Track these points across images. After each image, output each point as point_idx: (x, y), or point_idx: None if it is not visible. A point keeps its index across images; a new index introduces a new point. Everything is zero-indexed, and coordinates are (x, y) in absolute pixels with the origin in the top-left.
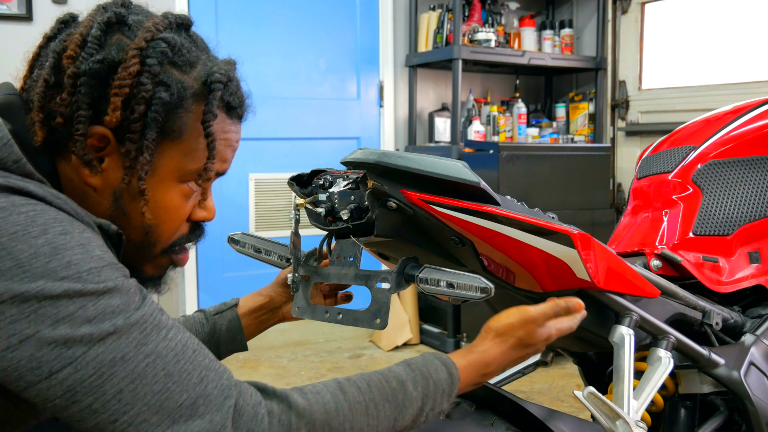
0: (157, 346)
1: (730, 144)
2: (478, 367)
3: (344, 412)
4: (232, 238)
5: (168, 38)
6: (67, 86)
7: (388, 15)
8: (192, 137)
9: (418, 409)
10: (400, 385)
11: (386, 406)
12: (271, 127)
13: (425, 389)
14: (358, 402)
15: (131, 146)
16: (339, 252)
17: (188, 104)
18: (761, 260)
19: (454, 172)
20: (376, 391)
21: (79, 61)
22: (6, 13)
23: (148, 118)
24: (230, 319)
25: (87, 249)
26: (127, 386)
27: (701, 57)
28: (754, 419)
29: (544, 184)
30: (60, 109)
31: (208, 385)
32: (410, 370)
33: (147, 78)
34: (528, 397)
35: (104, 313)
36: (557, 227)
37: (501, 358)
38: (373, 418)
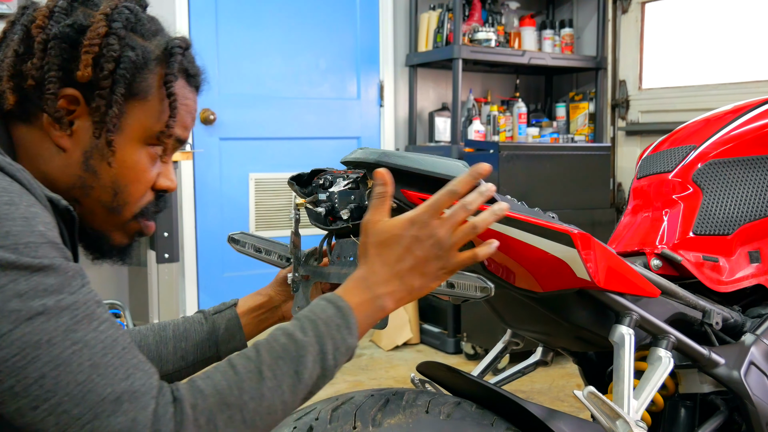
0: (86, 335)
1: (730, 144)
2: (359, 286)
3: (238, 385)
4: (232, 238)
5: (131, 7)
6: (38, 51)
7: (388, 15)
8: (155, 99)
9: (318, 352)
10: (288, 338)
11: (280, 363)
12: (271, 127)
13: (316, 331)
14: (249, 370)
15: (101, 102)
16: (339, 252)
17: (152, 66)
18: (761, 260)
19: (455, 172)
20: (265, 353)
21: (48, 28)
22: (6, 13)
23: (117, 75)
24: (229, 317)
25: (30, 223)
26: (50, 372)
27: (701, 57)
28: (754, 419)
29: (544, 184)
30: (31, 72)
31: (134, 383)
32: (296, 321)
33: (114, 39)
34: (528, 397)
35: (36, 290)
36: (557, 227)
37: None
38: (269, 380)
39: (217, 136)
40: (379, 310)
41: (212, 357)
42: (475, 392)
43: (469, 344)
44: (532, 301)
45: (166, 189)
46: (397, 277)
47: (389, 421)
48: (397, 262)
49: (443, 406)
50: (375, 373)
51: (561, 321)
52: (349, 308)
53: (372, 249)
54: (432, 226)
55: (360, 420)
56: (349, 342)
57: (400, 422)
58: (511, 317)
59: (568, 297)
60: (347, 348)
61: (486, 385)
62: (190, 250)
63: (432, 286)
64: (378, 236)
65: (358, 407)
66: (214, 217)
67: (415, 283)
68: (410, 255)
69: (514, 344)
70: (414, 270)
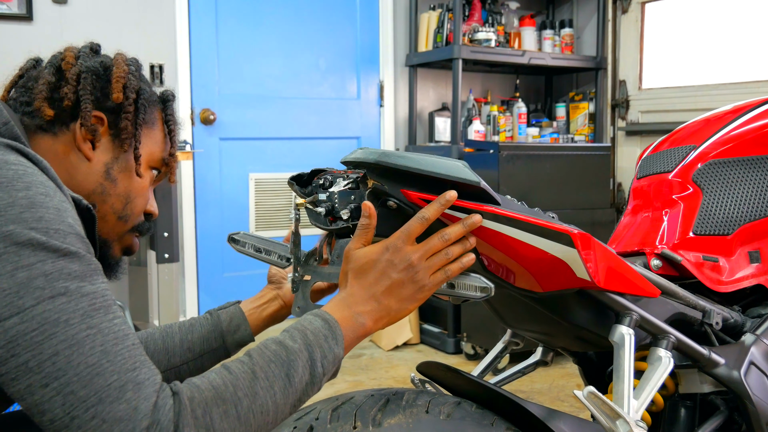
0: (101, 322)
1: (730, 144)
2: (340, 305)
3: (232, 382)
4: (232, 238)
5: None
6: (72, 80)
7: (388, 15)
8: (158, 130)
9: (307, 359)
10: (279, 345)
11: (272, 366)
12: (271, 127)
13: (305, 339)
14: (243, 371)
15: (127, 123)
16: (339, 252)
17: (156, 104)
18: (761, 260)
19: (455, 172)
20: (258, 357)
21: (78, 64)
22: (6, 13)
23: (139, 103)
24: (233, 311)
25: (61, 214)
26: (63, 350)
27: (701, 57)
28: (754, 419)
29: (544, 184)
30: (68, 96)
31: (140, 375)
32: (285, 331)
33: (133, 76)
34: (528, 397)
35: (61, 272)
36: (557, 227)
37: (350, 290)
38: (262, 380)
39: (217, 136)
40: (360, 327)
41: (219, 348)
42: (475, 392)
43: (469, 344)
44: (532, 301)
45: (152, 213)
46: (374, 299)
47: (389, 421)
48: (373, 285)
49: (443, 406)
50: (375, 373)
51: (561, 321)
52: (335, 321)
53: (351, 273)
54: (405, 251)
55: (360, 420)
56: (336, 352)
57: (400, 422)
58: (511, 317)
59: (568, 297)
60: (334, 357)
61: (486, 385)
62: (190, 250)
63: (410, 308)
64: (356, 262)
65: (358, 407)
66: (214, 217)
67: (392, 305)
68: (385, 278)
69: (514, 344)
70: (389, 292)
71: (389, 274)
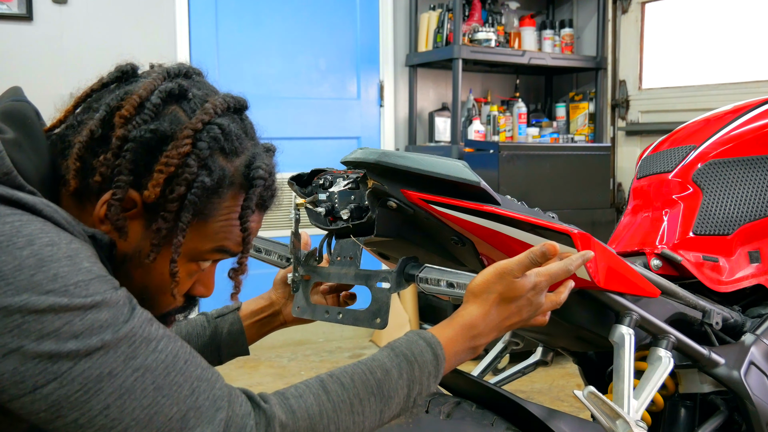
0: (146, 359)
1: (730, 144)
2: (463, 335)
3: (328, 414)
4: None
5: (223, 124)
6: (114, 147)
7: (388, 15)
8: (217, 221)
9: (405, 396)
10: (385, 375)
11: (371, 400)
12: (271, 127)
13: (410, 375)
14: (342, 401)
15: (163, 224)
16: (339, 252)
17: (224, 192)
18: (761, 260)
19: (455, 172)
20: (360, 386)
21: (132, 125)
22: (6, 13)
23: (187, 201)
24: (232, 322)
25: (74, 261)
26: (114, 402)
27: (701, 57)
28: (754, 419)
29: (544, 184)
30: (101, 168)
31: (199, 397)
32: (394, 356)
33: (194, 161)
34: (528, 397)
35: (92, 328)
36: (557, 227)
37: (485, 318)
38: (358, 415)
39: None
40: (469, 356)
41: (213, 362)
42: (475, 392)
43: None
44: None
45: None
46: (497, 330)
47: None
48: (508, 318)
49: (443, 405)
50: None
51: (561, 321)
52: (444, 359)
53: (497, 296)
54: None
55: None
56: (432, 389)
57: (400, 422)
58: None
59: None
60: (428, 394)
61: (486, 384)
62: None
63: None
64: (509, 286)
65: None
66: None
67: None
68: (517, 315)
69: (514, 344)
70: (511, 327)
71: (522, 312)
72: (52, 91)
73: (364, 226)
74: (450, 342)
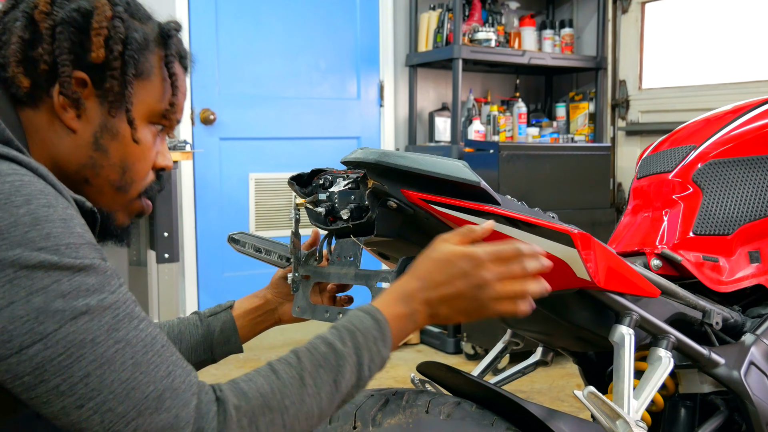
0: (127, 333)
1: (730, 144)
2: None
3: (280, 390)
4: (232, 238)
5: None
6: (46, 36)
7: (388, 15)
8: (157, 79)
9: (356, 363)
10: (328, 347)
11: (321, 372)
12: (271, 127)
13: (355, 342)
14: (292, 377)
15: (113, 82)
16: (339, 252)
17: (152, 47)
18: (761, 260)
19: (455, 172)
20: (306, 361)
21: (53, 13)
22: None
23: (126, 56)
24: (224, 320)
25: (68, 224)
26: (95, 370)
27: (701, 57)
28: (754, 419)
29: (544, 184)
30: (43, 58)
31: (175, 380)
32: (335, 330)
33: (119, 22)
34: (528, 397)
35: (78, 290)
36: (557, 227)
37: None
38: (310, 387)
39: (217, 136)
40: (411, 325)
41: (207, 360)
42: (475, 392)
43: (469, 344)
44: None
45: (164, 167)
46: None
47: (389, 421)
48: (437, 286)
49: (443, 406)
50: None
51: (561, 321)
52: (386, 321)
53: (428, 263)
54: (485, 268)
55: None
56: (384, 354)
57: (400, 422)
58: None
59: (568, 297)
60: (382, 360)
61: (486, 385)
62: (190, 250)
63: (458, 320)
64: (439, 254)
65: (358, 407)
66: (214, 217)
67: (443, 312)
68: (451, 285)
69: (514, 344)
70: (448, 300)
71: (456, 283)
72: None
73: (364, 226)
74: (386, 305)
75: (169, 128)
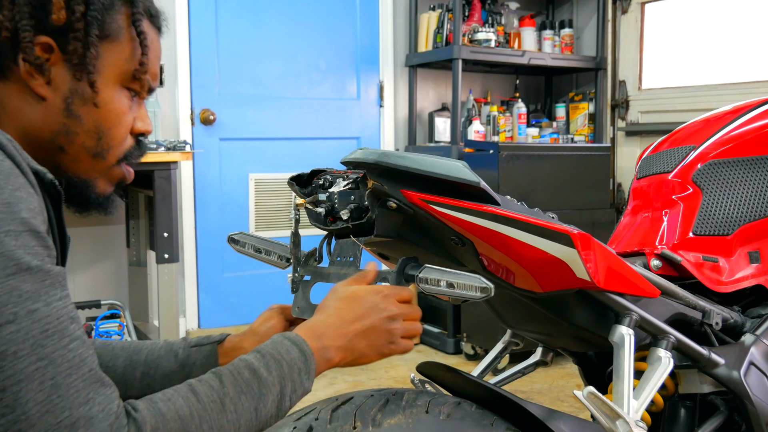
0: (53, 351)
1: (730, 144)
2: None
3: (199, 413)
4: (231, 238)
5: None
6: (5, 3)
7: (388, 15)
8: (126, 39)
9: (278, 393)
10: (252, 375)
11: (243, 398)
12: (271, 127)
13: (280, 372)
14: (213, 401)
15: (76, 45)
16: (339, 252)
17: (118, 6)
18: (761, 260)
19: (454, 172)
20: (229, 386)
21: None
22: None
23: (89, 17)
24: (207, 354)
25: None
26: (11, 386)
27: (701, 57)
28: (754, 419)
29: (544, 184)
30: (4, 25)
31: (92, 408)
32: (261, 356)
33: None
34: (528, 397)
35: (10, 296)
36: (557, 227)
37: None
38: (231, 413)
39: (217, 136)
40: (324, 362)
41: None
42: (475, 392)
43: (469, 344)
44: (532, 302)
45: (144, 132)
46: (346, 336)
47: (389, 422)
48: (352, 322)
49: (443, 406)
50: (375, 373)
51: (561, 321)
52: (311, 354)
53: (334, 302)
54: (393, 301)
55: (360, 420)
56: (306, 386)
57: (399, 422)
58: (511, 317)
59: (567, 297)
60: (303, 391)
61: (486, 385)
62: (190, 251)
63: (373, 358)
64: (342, 293)
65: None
66: (213, 218)
67: (361, 348)
68: (366, 319)
69: (514, 344)
70: (364, 334)
71: (371, 316)
72: None
73: (363, 227)
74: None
75: (142, 90)
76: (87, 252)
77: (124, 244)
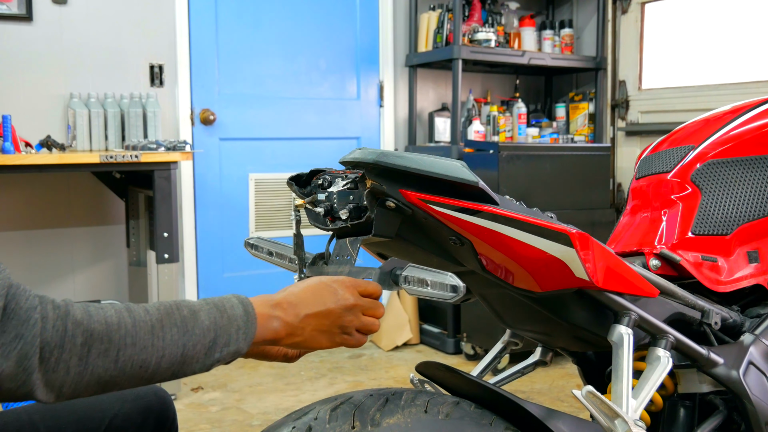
0: None
1: (729, 144)
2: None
3: (126, 328)
4: (248, 243)
5: None
6: None
7: (388, 15)
8: None
9: (210, 340)
10: (191, 314)
11: (174, 330)
12: (271, 127)
13: (218, 321)
14: (144, 321)
15: None
16: (338, 251)
17: None
18: (760, 260)
19: (453, 172)
20: (164, 315)
21: None
22: (6, 13)
23: None
24: None
25: None
26: None
27: (701, 57)
28: (753, 418)
29: (544, 184)
30: None
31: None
32: (205, 303)
33: None
34: (528, 397)
35: None
36: (556, 227)
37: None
38: (158, 339)
39: (217, 136)
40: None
41: None
42: (475, 392)
43: (468, 344)
44: (531, 301)
45: None
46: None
47: (388, 421)
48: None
49: (442, 405)
50: (375, 373)
51: (560, 321)
52: (255, 317)
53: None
54: (353, 293)
55: (359, 420)
56: (240, 347)
57: (399, 422)
58: (510, 317)
59: (566, 297)
60: (236, 351)
61: (485, 385)
62: (189, 251)
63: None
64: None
65: (357, 407)
66: (213, 218)
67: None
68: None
69: (514, 344)
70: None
71: (327, 303)
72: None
73: (362, 226)
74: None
75: None
76: (87, 252)
77: (124, 244)
